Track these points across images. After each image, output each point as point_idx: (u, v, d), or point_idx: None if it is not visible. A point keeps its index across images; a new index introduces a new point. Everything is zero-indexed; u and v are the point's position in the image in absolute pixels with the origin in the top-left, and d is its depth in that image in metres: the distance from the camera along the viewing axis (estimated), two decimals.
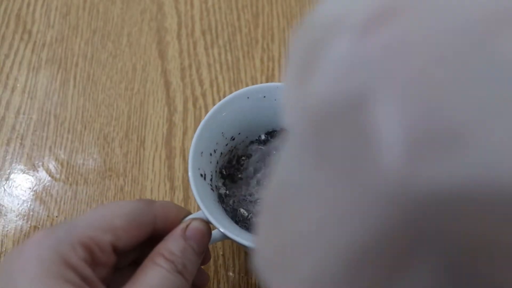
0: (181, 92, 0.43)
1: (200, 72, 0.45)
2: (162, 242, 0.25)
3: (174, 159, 0.40)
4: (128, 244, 0.24)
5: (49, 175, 0.39)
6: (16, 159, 0.40)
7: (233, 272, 0.36)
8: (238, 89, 0.44)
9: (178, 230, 0.26)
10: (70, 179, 0.39)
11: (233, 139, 0.34)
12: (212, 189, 0.31)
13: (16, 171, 0.39)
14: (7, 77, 0.44)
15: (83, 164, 0.40)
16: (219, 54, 0.46)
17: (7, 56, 0.45)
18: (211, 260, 0.36)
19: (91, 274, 0.22)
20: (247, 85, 0.44)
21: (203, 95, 0.43)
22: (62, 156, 0.40)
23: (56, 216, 0.37)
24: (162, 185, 0.39)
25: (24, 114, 0.42)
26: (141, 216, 0.24)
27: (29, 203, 0.38)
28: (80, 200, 0.38)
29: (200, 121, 0.42)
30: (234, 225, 0.30)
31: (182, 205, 0.38)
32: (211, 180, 0.32)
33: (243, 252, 0.36)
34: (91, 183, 0.39)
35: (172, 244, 0.25)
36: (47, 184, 0.39)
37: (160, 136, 0.41)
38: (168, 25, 0.48)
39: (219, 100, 0.43)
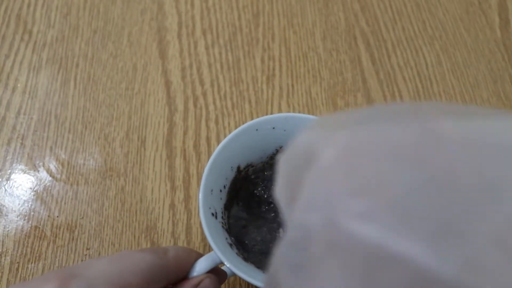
0: (181, 92, 0.43)
1: (200, 71, 0.45)
2: None
3: (174, 159, 0.40)
4: None
5: (50, 175, 0.39)
6: (17, 159, 0.40)
7: None
8: (239, 89, 0.44)
9: (189, 286, 0.25)
10: (71, 179, 0.39)
11: (241, 171, 0.33)
12: (223, 226, 0.30)
13: (17, 171, 0.39)
14: (8, 77, 0.44)
15: (84, 164, 0.40)
16: (220, 53, 0.46)
17: (7, 56, 0.45)
18: None
19: None
20: (247, 85, 0.44)
21: (204, 94, 0.43)
22: (63, 156, 0.40)
23: (57, 216, 0.37)
24: (163, 185, 0.39)
25: (24, 114, 0.42)
26: (154, 274, 0.23)
27: (30, 203, 0.38)
28: (81, 200, 0.38)
29: (200, 121, 0.42)
30: (245, 263, 0.29)
31: (183, 205, 0.38)
32: (222, 217, 0.31)
33: None
34: (92, 183, 0.39)
35: None
36: (48, 184, 0.39)
37: (161, 136, 0.41)
38: (169, 24, 0.48)
39: (220, 99, 0.43)
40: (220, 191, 0.31)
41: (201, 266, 0.27)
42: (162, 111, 0.42)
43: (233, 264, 0.26)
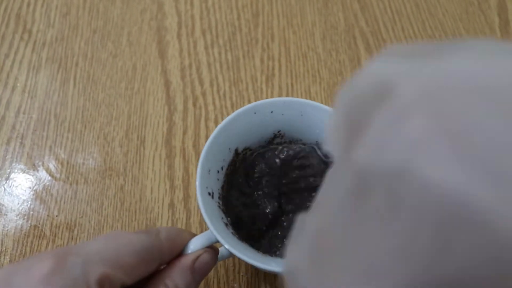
0: (181, 92, 0.43)
1: (200, 71, 0.45)
2: (168, 270, 0.25)
3: (174, 158, 0.40)
4: (134, 280, 0.23)
5: (49, 175, 0.39)
6: (16, 158, 0.40)
7: (233, 271, 0.36)
8: (238, 88, 0.44)
9: (188, 261, 0.25)
10: (70, 178, 0.39)
11: (239, 154, 0.34)
12: (219, 206, 0.31)
13: (16, 171, 0.39)
14: (7, 77, 0.44)
15: (83, 163, 0.40)
16: (219, 53, 0.46)
17: (7, 55, 0.45)
18: None
19: None
20: (247, 84, 0.44)
21: (203, 94, 0.43)
22: (62, 155, 0.40)
23: (56, 216, 0.37)
24: (162, 184, 0.39)
25: (24, 113, 0.42)
26: (149, 254, 0.24)
27: (29, 202, 0.38)
28: (80, 200, 0.38)
29: (200, 121, 0.42)
30: (241, 243, 0.30)
31: (182, 204, 0.38)
32: (218, 198, 0.31)
33: None
34: (91, 183, 0.39)
35: (179, 277, 0.24)
36: (47, 183, 0.39)
37: (160, 136, 0.41)
38: (168, 24, 0.48)
39: (219, 99, 0.43)
40: (218, 172, 0.32)
41: (196, 244, 0.27)
42: (161, 111, 0.42)
43: (227, 243, 0.27)
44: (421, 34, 0.48)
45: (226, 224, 0.30)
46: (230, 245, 0.27)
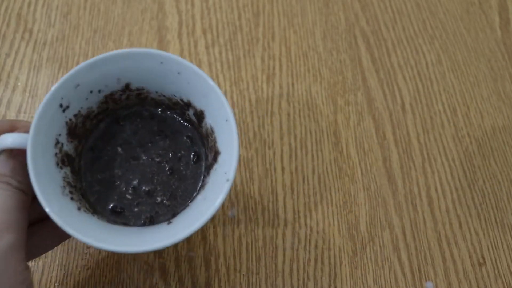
0: None
1: None
2: None
3: None
4: None
5: None
6: None
7: (234, 271, 0.36)
8: (239, 88, 0.44)
9: (2, 156, 0.26)
10: None
11: (131, 90, 0.32)
12: (67, 122, 0.29)
13: None
14: (8, 76, 0.44)
15: None
16: (220, 53, 0.46)
17: (8, 55, 0.45)
18: (212, 258, 0.36)
19: None
20: (247, 84, 0.44)
21: None
22: None
23: None
24: None
25: (25, 113, 0.42)
26: None
27: None
28: None
29: None
30: (56, 168, 0.27)
31: None
32: (74, 116, 0.29)
33: (244, 250, 0.36)
34: None
35: (1, 167, 0.26)
36: None
37: None
38: (169, 24, 0.48)
39: None
40: (91, 92, 0.30)
41: (6, 138, 0.26)
42: None
43: (32, 152, 0.25)
44: (422, 33, 0.48)
45: (58, 142, 0.28)
46: (32, 159, 0.25)
